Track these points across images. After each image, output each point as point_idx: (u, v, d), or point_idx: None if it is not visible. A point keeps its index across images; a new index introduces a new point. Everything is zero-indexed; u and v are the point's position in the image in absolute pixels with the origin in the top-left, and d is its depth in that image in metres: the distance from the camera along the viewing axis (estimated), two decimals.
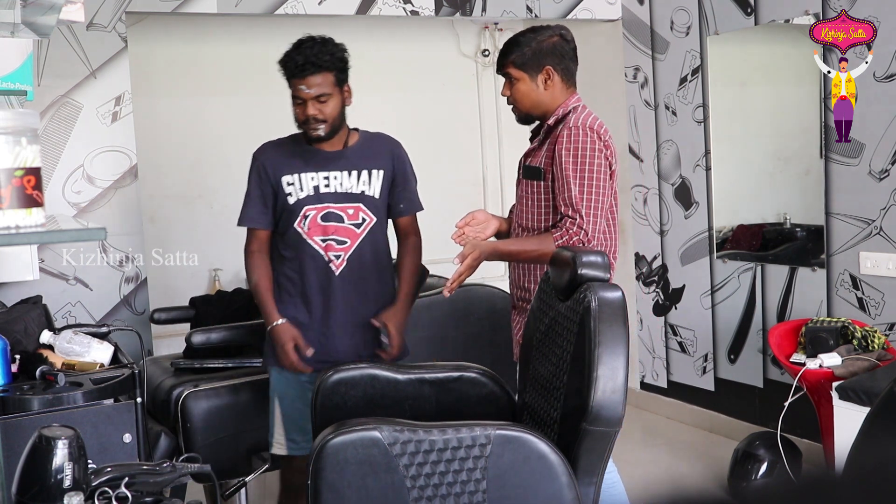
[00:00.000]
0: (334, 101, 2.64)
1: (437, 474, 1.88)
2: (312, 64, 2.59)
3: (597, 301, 2.03)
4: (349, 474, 1.85)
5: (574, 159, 2.49)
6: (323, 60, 2.60)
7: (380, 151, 2.77)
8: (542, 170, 2.57)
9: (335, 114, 2.66)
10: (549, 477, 1.94)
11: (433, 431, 1.89)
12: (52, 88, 3.58)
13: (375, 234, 2.76)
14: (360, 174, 2.74)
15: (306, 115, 2.64)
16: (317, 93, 2.62)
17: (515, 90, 2.64)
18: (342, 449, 1.85)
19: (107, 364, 2.56)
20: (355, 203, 2.73)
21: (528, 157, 2.67)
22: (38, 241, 1.91)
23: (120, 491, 1.51)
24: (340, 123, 2.71)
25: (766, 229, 4.11)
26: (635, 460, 3.96)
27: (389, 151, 2.78)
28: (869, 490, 0.63)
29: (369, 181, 2.74)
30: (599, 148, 2.52)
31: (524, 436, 1.94)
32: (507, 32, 5.47)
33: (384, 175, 2.75)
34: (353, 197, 2.73)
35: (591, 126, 2.53)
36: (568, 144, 2.49)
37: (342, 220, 2.73)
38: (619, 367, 1.97)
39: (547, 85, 2.61)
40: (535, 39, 2.61)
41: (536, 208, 2.61)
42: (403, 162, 2.79)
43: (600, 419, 1.95)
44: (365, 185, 2.74)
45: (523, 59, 2.61)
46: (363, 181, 2.74)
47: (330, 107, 2.64)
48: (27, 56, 2.41)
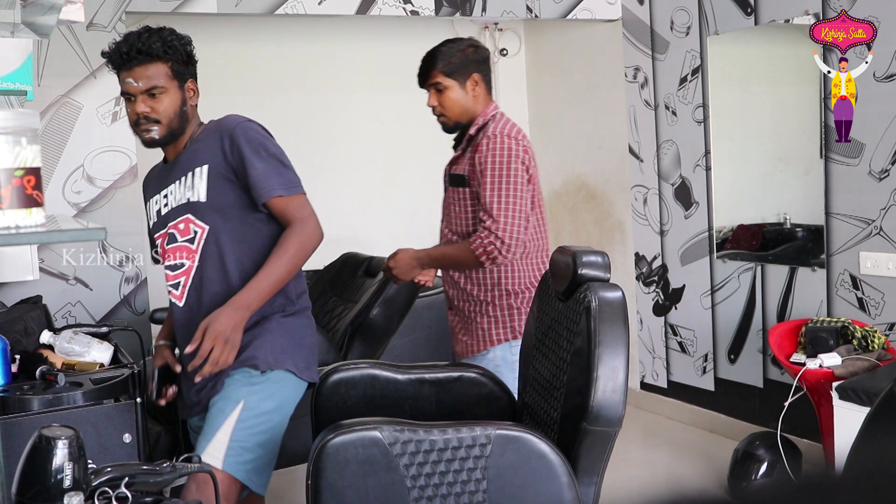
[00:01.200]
0: (170, 97, 2.25)
1: (437, 474, 1.88)
2: (140, 52, 2.21)
3: (597, 301, 2.03)
4: (349, 474, 1.85)
5: (492, 168, 2.58)
6: (152, 48, 2.22)
7: (209, 142, 2.28)
8: (465, 177, 2.66)
9: (171, 112, 2.26)
10: (550, 477, 1.94)
11: (433, 431, 1.89)
12: (52, 88, 3.58)
13: (217, 244, 2.24)
14: (186, 178, 2.29)
15: (136, 113, 2.25)
16: (146, 86, 2.22)
17: (445, 98, 2.70)
18: (342, 449, 1.85)
19: (107, 364, 2.56)
20: (183, 215, 2.28)
21: (453, 166, 2.75)
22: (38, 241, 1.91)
23: (120, 491, 1.51)
24: (181, 125, 2.30)
25: (766, 229, 4.11)
26: (635, 460, 3.96)
27: (219, 137, 2.26)
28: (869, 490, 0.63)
29: (193, 183, 2.27)
30: (517, 153, 2.61)
31: (524, 435, 1.95)
32: (508, 32, 5.48)
33: (208, 169, 2.25)
34: (181, 209, 2.28)
35: (508, 133, 2.63)
36: (486, 153, 2.59)
37: (175, 240, 2.30)
38: (620, 367, 1.98)
39: (475, 92, 2.71)
40: (458, 48, 2.71)
41: (464, 214, 2.69)
42: (239, 142, 2.23)
43: (600, 419, 1.95)
44: (189, 189, 2.27)
45: (451, 67, 2.68)
46: (187, 185, 2.28)
47: (164, 103, 2.24)
48: (27, 56, 2.41)
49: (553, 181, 5.38)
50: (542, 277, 2.41)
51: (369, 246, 4.22)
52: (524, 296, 2.70)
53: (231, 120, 2.29)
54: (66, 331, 2.64)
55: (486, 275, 2.68)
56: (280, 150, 2.28)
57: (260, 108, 4.68)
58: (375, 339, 3.37)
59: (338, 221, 4.98)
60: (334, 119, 5.00)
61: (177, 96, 2.27)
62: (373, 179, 5.14)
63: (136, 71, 2.22)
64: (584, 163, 5.10)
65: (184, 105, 2.29)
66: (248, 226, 2.26)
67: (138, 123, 2.27)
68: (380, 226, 5.11)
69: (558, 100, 5.30)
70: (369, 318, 3.34)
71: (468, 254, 2.59)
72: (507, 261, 2.58)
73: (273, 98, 4.88)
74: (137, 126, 2.28)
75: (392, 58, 5.17)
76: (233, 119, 2.29)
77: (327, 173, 4.99)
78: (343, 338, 3.31)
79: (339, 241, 4.47)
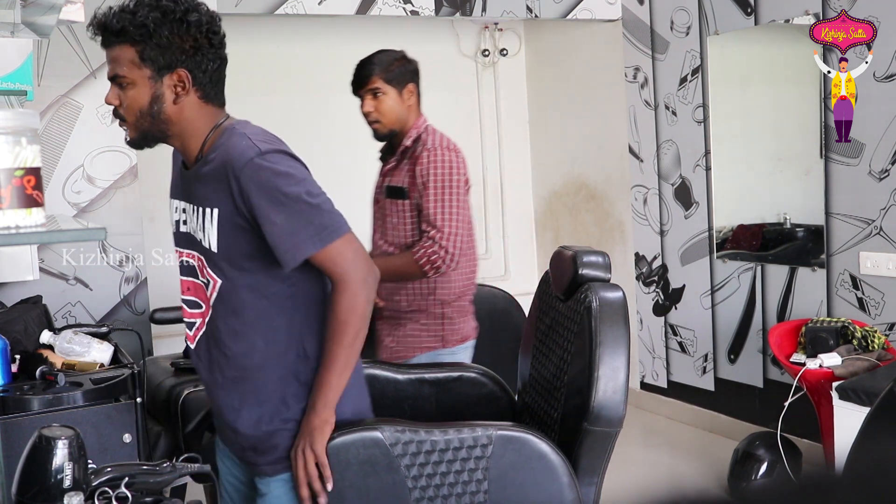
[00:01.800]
0: (137, 90, 1.77)
1: (438, 474, 1.88)
2: (102, 27, 1.76)
3: (598, 301, 2.04)
4: (351, 475, 1.85)
5: (434, 179, 2.61)
6: (111, 24, 1.74)
7: (218, 176, 1.78)
8: (405, 189, 2.68)
9: (135, 110, 1.79)
10: (551, 477, 1.94)
11: (434, 432, 1.89)
12: (52, 88, 3.58)
13: (233, 300, 1.83)
14: (199, 212, 1.84)
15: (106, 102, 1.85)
16: (109, 73, 1.79)
17: (382, 104, 2.71)
18: (343, 449, 1.84)
19: (107, 364, 2.56)
20: (198, 252, 1.87)
21: (387, 177, 2.76)
22: (38, 241, 1.91)
23: (120, 491, 1.51)
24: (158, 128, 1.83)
25: (766, 229, 4.11)
26: (635, 460, 3.96)
27: (226, 175, 1.76)
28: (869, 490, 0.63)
29: (203, 224, 1.83)
30: (458, 166, 2.66)
31: (525, 436, 1.94)
32: (508, 32, 5.48)
33: (219, 215, 1.79)
34: (194, 244, 1.87)
35: (448, 146, 2.68)
36: (428, 165, 2.62)
37: (191, 273, 1.91)
38: (620, 367, 1.98)
39: (409, 102, 2.75)
40: (394, 57, 2.76)
41: (403, 225, 2.70)
42: (249, 191, 1.74)
43: (601, 419, 1.95)
44: (201, 230, 1.84)
45: (391, 74, 2.71)
46: (199, 225, 1.84)
47: (129, 97, 1.78)
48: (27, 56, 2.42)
49: (553, 181, 5.39)
50: (543, 278, 2.41)
51: (369, 246, 4.22)
52: (455, 305, 2.75)
53: (238, 156, 1.75)
54: (66, 331, 2.64)
55: (419, 284, 2.71)
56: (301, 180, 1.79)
57: (260, 109, 4.68)
58: (376, 339, 3.37)
59: None
60: (334, 119, 5.00)
61: (145, 90, 1.77)
62: (373, 179, 5.13)
63: (107, 52, 1.79)
64: (584, 163, 5.10)
65: (156, 103, 1.78)
66: (272, 277, 1.83)
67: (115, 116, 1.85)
68: None
69: (558, 100, 5.30)
70: None
71: (412, 264, 2.63)
72: (449, 270, 2.64)
73: (273, 98, 4.88)
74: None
75: None
76: (240, 154, 1.75)
77: (326, 173, 4.96)
78: None
79: None
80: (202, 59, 1.79)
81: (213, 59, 1.81)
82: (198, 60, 1.79)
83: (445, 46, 5.40)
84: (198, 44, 1.78)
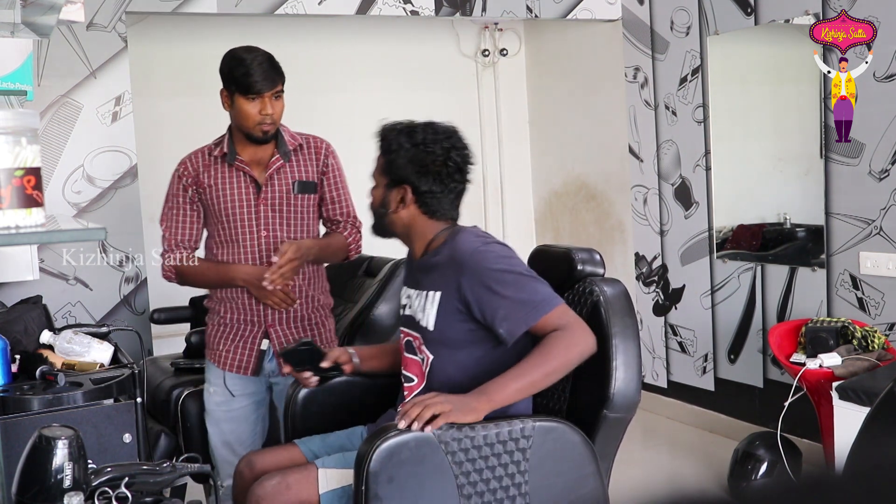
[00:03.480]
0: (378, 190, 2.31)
1: (485, 468, 1.98)
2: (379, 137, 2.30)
3: (605, 294, 2.16)
4: (404, 472, 1.92)
5: (341, 172, 2.80)
6: (381, 136, 2.29)
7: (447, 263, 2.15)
8: (315, 183, 2.73)
9: (375, 205, 2.32)
10: (582, 464, 2.07)
11: (476, 427, 1.98)
12: (52, 88, 3.58)
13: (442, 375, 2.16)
14: (422, 295, 2.23)
15: None
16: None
17: (280, 106, 2.68)
18: (398, 449, 1.92)
19: (107, 364, 2.56)
20: (417, 332, 2.26)
21: (278, 175, 2.68)
22: (38, 241, 1.91)
23: (120, 491, 1.51)
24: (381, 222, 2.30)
25: (766, 229, 4.11)
26: (635, 460, 3.96)
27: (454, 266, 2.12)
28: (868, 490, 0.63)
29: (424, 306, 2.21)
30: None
31: (562, 426, 2.07)
32: (508, 32, 5.48)
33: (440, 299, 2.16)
34: (414, 325, 2.26)
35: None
36: (336, 162, 2.78)
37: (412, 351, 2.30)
38: (634, 356, 2.11)
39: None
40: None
41: (312, 220, 2.75)
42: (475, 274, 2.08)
43: (620, 406, 2.08)
44: (421, 311, 2.22)
45: (284, 80, 2.69)
46: (420, 305, 2.23)
47: (373, 194, 2.34)
48: (27, 56, 2.42)
49: (553, 181, 5.39)
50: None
51: (369, 246, 4.22)
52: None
53: (466, 247, 2.09)
54: (66, 331, 2.64)
55: (325, 281, 2.82)
56: (519, 264, 2.09)
57: None
58: (375, 339, 3.37)
59: None
60: (334, 119, 5.00)
61: (380, 193, 2.24)
62: None
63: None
64: (584, 163, 5.10)
65: (383, 206, 2.23)
66: (477, 359, 2.10)
67: None
68: None
69: (558, 100, 5.30)
70: (369, 318, 3.34)
71: (343, 248, 2.76)
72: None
73: None
74: None
75: (392, 58, 5.17)
76: (467, 246, 2.09)
77: None
78: (343, 338, 3.31)
79: None
80: (429, 182, 2.15)
81: (439, 186, 2.16)
82: (424, 182, 2.14)
83: (445, 46, 5.40)
84: (427, 169, 2.14)
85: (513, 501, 1.99)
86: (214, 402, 2.75)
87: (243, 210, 2.65)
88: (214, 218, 2.68)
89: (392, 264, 3.43)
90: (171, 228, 2.70)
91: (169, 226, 2.70)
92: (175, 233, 2.69)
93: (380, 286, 3.41)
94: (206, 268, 2.69)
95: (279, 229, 2.67)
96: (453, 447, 1.94)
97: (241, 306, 2.69)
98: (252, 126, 2.60)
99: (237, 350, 2.70)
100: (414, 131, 2.17)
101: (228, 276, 2.64)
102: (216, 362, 2.73)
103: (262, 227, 2.65)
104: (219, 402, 2.74)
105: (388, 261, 3.49)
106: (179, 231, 2.69)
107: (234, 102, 2.61)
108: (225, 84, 2.63)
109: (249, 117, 2.59)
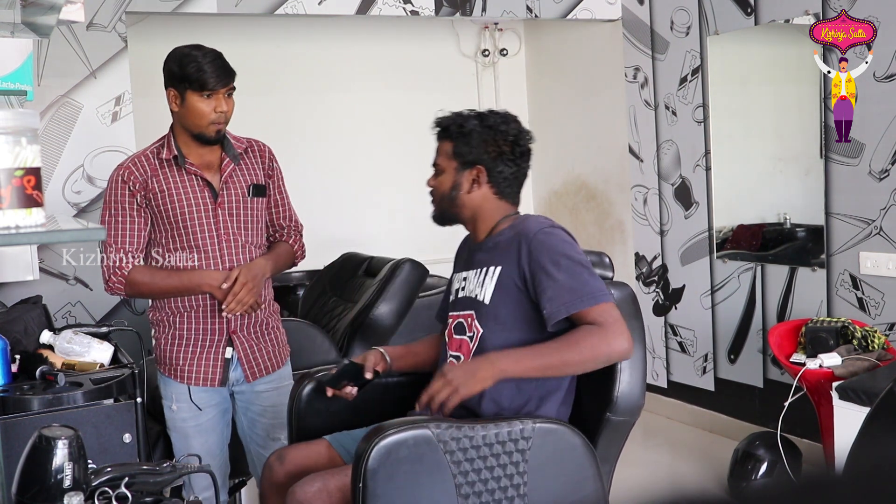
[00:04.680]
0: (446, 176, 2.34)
1: (484, 468, 1.97)
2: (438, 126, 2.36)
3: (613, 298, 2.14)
4: (402, 470, 1.92)
5: (283, 178, 2.74)
6: (444, 123, 2.35)
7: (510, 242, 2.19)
8: (265, 186, 2.68)
9: (442, 191, 2.33)
10: (581, 467, 2.06)
11: (476, 427, 1.98)
12: (52, 88, 3.58)
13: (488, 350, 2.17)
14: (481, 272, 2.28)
15: None
16: (434, 161, 2.38)
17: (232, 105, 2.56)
18: (396, 447, 1.91)
19: (107, 364, 2.56)
20: (469, 310, 2.28)
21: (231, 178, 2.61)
22: (38, 241, 1.91)
23: (120, 491, 1.51)
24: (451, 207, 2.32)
25: (766, 229, 4.11)
26: (635, 460, 3.96)
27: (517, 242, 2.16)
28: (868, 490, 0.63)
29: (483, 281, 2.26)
30: None
31: (563, 429, 2.06)
32: (508, 32, 5.47)
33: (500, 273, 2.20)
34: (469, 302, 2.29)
35: None
36: (278, 165, 2.72)
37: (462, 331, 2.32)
38: (639, 360, 2.12)
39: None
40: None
41: (262, 224, 2.69)
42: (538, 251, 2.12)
43: (624, 409, 2.09)
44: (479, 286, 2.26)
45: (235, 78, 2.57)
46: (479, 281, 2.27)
47: (440, 181, 2.36)
48: (27, 56, 2.42)
49: (553, 181, 5.39)
50: None
51: (369, 246, 4.22)
52: None
53: (531, 228, 2.14)
54: (66, 331, 2.64)
55: (270, 287, 2.74)
56: (580, 252, 2.12)
57: (260, 108, 4.69)
58: (375, 338, 3.37)
59: (338, 221, 4.98)
60: (334, 119, 5.00)
61: (449, 178, 2.27)
62: (373, 179, 5.14)
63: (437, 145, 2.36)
64: (584, 163, 5.10)
65: (455, 189, 2.25)
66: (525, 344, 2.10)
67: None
68: (380, 225, 5.11)
69: (558, 100, 5.30)
70: (369, 318, 3.34)
71: (290, 256, 2.73)
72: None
73: (273, 98, 4.88)
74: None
75: (392, 58, 5.17)
76: (533, 226, 2.15)
77: (327, 173, 4.98)
78: (343, 338, 3.31)
79: (339, 240, 4.48)
80: (501, 162, 2.22)
81: (510, 165, 2.23)
82: (497, 163, 2.21)
83: (445, 46, 5.40)
84: (500, 150, 2.21)
85: (511, 503, 1.99)
86: (180, 419, 2.61)
87: (201, 215, 2.54)
88: (167, 224, 2.54)
89: (392, 264, 3.42)
90: (117, 237, 2.51)
91: (115, 234, 2.51)
92: (123, 241, 2.51)
93: (380, 286, 3.41)
94: (167, 275, 2.52)
95: (239, 233, 2.58)
96: (452, 447, 1.94)
97: (203, 314, 2.56)
98: (205, 125, 2.49)
99: (201, 362, 2.57)
100: (483, 115, 2.25)
101: (194, 282, 2.50)
102: (177, 378, 2.59)
103: (222, 231, 2.56)
104: (185, 417, 2.60)
105: (388, 261, 3.48)
106: (128, 239, 2.52)
107: (186, 101, 2.49)
108: (173, 82, 2.51)
109: (203, 115, 2.47)
